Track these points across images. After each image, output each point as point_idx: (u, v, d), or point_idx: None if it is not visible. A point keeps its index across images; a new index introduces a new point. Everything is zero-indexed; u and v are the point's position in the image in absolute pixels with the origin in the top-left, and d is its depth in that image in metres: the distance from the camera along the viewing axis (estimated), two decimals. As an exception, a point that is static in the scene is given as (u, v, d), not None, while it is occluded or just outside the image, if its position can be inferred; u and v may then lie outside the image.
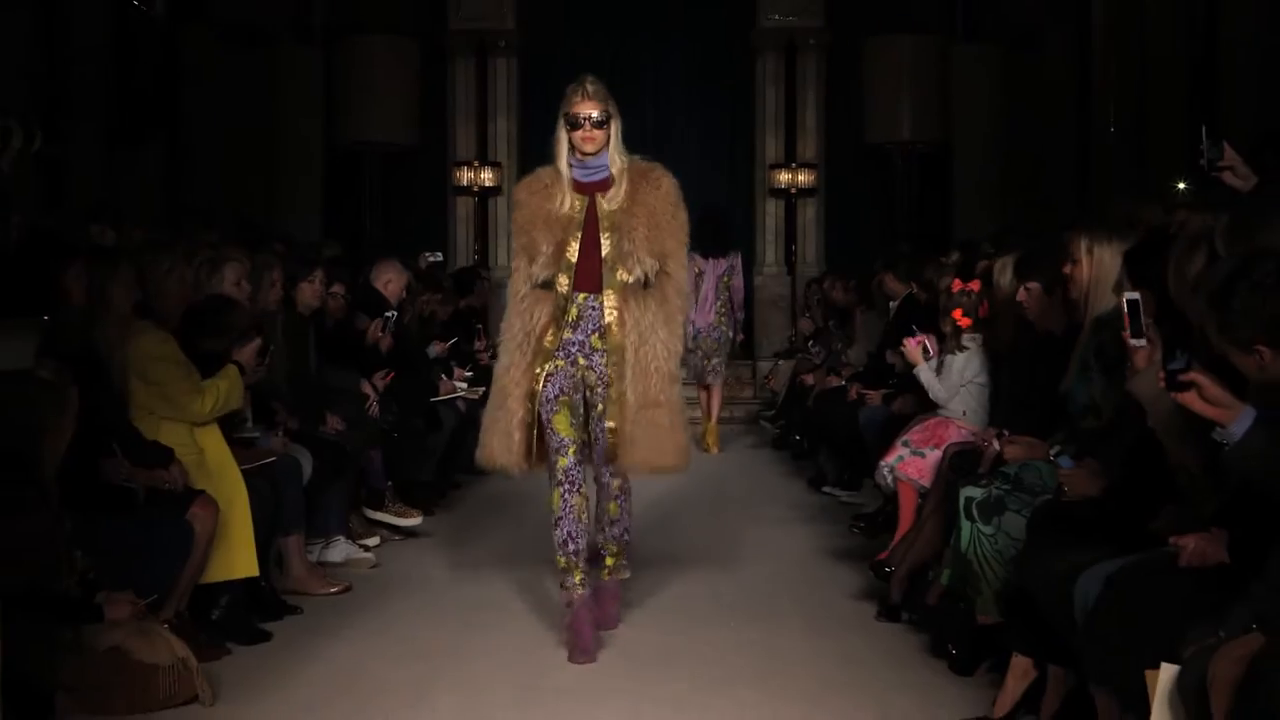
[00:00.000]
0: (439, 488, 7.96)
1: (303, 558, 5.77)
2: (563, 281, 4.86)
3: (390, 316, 7.36)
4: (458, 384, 8.18)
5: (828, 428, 8.38)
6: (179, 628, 4.52)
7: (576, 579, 4.87)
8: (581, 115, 4.82)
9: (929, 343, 5.98)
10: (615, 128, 4.87)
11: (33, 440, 4.06)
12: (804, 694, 4.41)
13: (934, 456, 5.52)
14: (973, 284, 5.80)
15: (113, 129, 10.13)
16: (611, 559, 5.18)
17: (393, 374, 7.11)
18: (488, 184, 13.98)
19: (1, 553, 3.40)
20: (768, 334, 13.78)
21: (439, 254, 11.91)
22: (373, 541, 6.60)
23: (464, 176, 14.03)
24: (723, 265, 10.63)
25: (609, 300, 4.84)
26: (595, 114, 4.82)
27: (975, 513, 4.38)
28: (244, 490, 5.07)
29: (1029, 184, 12.44)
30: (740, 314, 11.01)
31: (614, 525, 5.11)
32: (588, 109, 4.82)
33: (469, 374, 8.35)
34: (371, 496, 6.90)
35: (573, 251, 4.84)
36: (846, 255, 12.90)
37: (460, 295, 9.72)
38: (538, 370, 4.87)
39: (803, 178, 14.05)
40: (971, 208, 13.32)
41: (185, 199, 11.14)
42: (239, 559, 5.00)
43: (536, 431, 4.90)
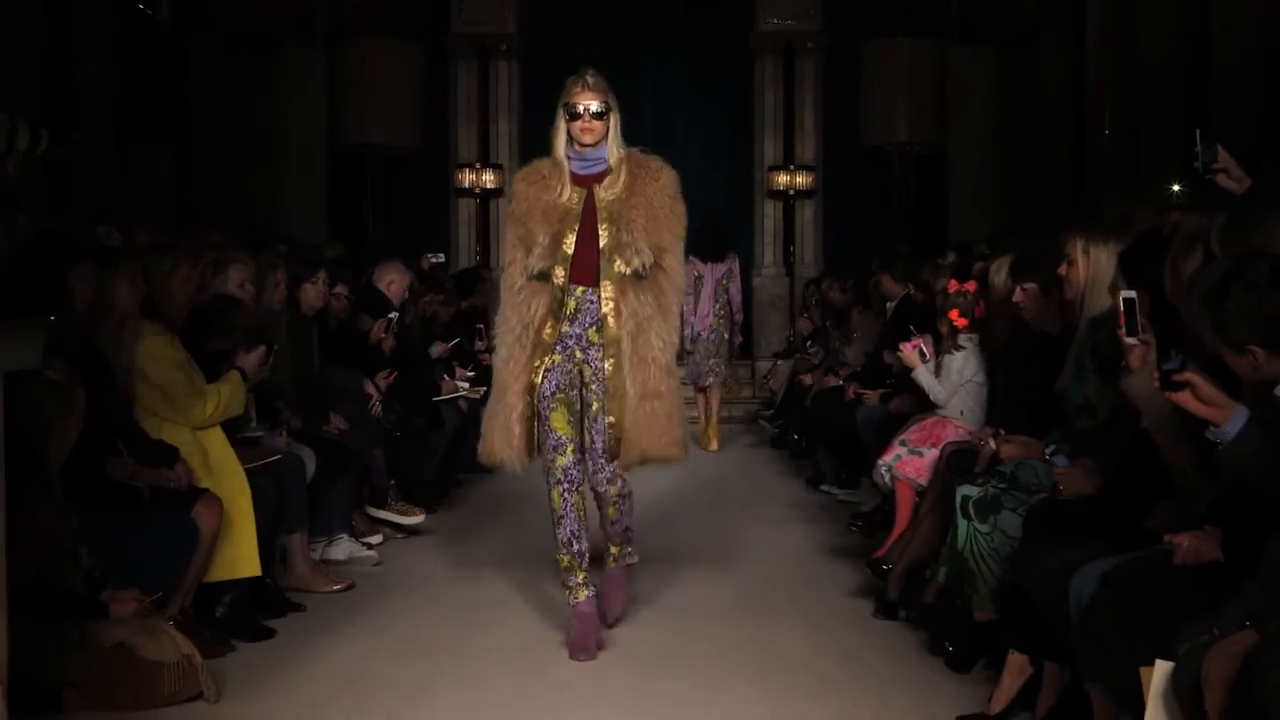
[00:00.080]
0: (441, 486, 7.95)
1: (306, 555, 5.77)
2: (559, 273, 4.76)
3: (393, 318, 7.35)
4: (459, 384, 8.18)
5: (826, 427, 8.37)
6: (184, 625, 4.52)
7: (579, 578, 4.85)
8: (581, 106, 4.74)
9: (925, 346, 5.98)
10: (614, 120, 4.79)
11: (39, 439, 4.08)
12: (803, 691, 4.41)
13: (931, 456, 5.52)
14: (969, 285, 5.80)
15: (119, 132, 10.14)
16: (616, 548, 5.08)
17: (395, 374, 7.11)
18: (489, 186, 13.98)
19: (8, 548, 3.39)
20: (766, 334, 13.79)
21: (441, 255, 11.92)
22: (375, 539, 6.60)
23: (466, 178, 14.04)
24: (721, 269, 10.66)
25: (606, 291, 4.76)
26: (595, 105, 4.74)
27: (972, 511, 4.37)
28: (247, 490, 5.06)
29: (1024, 186, 12.45)
30: (739, 317, 11.02)
31: (615, 525, 5.01)
32: (587, 100, 4.74)
33: (470, 374, 8.35)
34: (374, 495, 6.90)
35: (569, 243, 4.76)
36: (844, 256, 12.91)
37: (462, 296, 9.71)
38: (536, 363, 4.81)
39: (801, 179, 14.06)
40: (968, 209, 13.34)
41: (191, 200, 11.16)
42: (242, 558, 5.00)
43: (536, 425, 4.84)
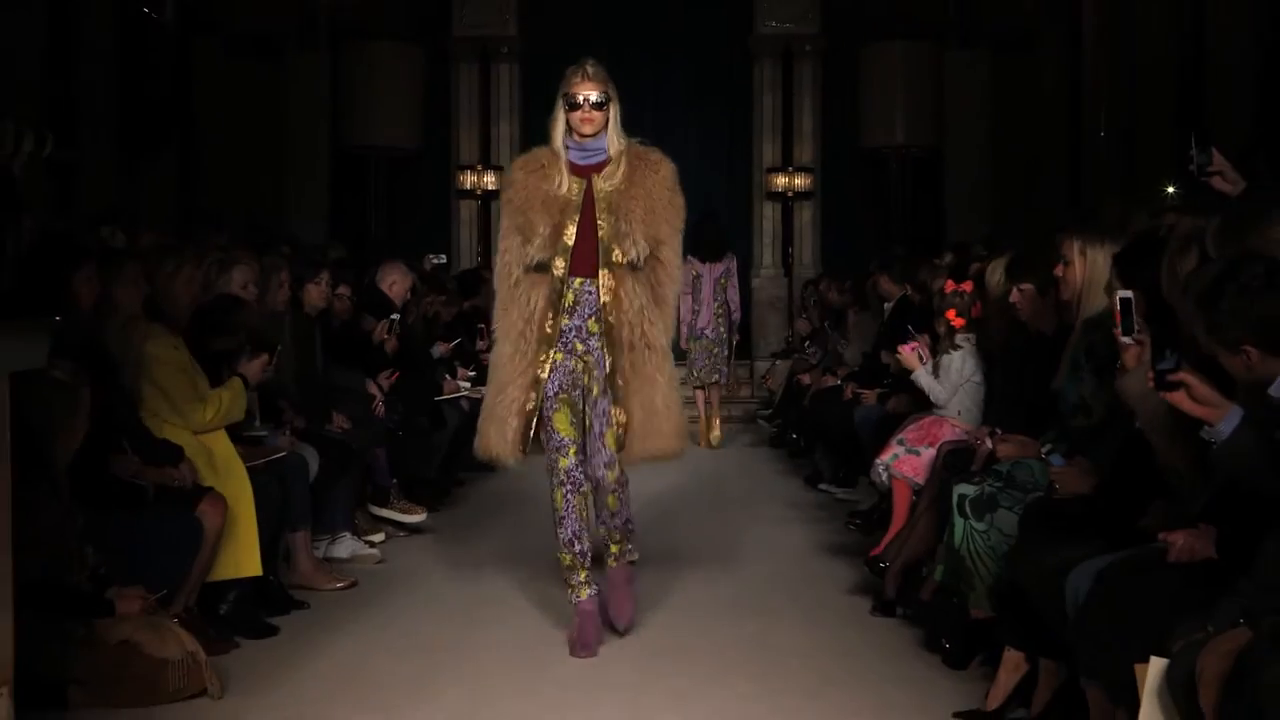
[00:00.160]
0: (443, 485, 7.95)
1: (309, 553, 5.77)
2: (559, 265, 4.71)
3: (395, 319, 7.36)
4: (461, 383, 8.17)
5: (824, 426, 8.37)
6: (188, 622, 4.52)
7: (581, 576, 4.84)
8: (580, 96, 4.69)
9: (922, 349, 5.97)
10: (614, 111, 4.74)
11: (45, 438, 4.08)
12: (801, 687, 4.41)
13: (928, 455, 5.52)
14: (965, 285, 5.80)
15: (124, 134, 10.13)
16: (616, 545, 4.97)
17: (397, 374, 7.12)
18: (490, 187, 13.96)
19: (14, 547, 3.39)
20: (765, 334, 13.79)
21: (443, 256, 11.94)
22: (378, 538, 6.60)
23: (467, 180, 14.03)
24: (719, 269, 10.72)
25: (604, 281, 4.71)
26: (594, 95, 4.69)
27: (968, 509, 4.37)
28: (250, 490, 5.06)
29: (1021, 187, 12.45)
30: (737, 316, 11.05)
31: (615, 517, 4.90)
32: (587, 90, 4.69)
33: (472, 374, 8.35)
34: (377, 493, 6.90)
35: (570, 235, 4.70)
36: (842, 257, 12.91)
37: (464, 297, 9.70)
38: (541, 358, 4.75)
39: (799, 181, 14.05)
40: (964, 211, 13.33)
41: (196, 202, 11.16)
42: (245, 559, 5.00)
43: (537, 420, 4.77)
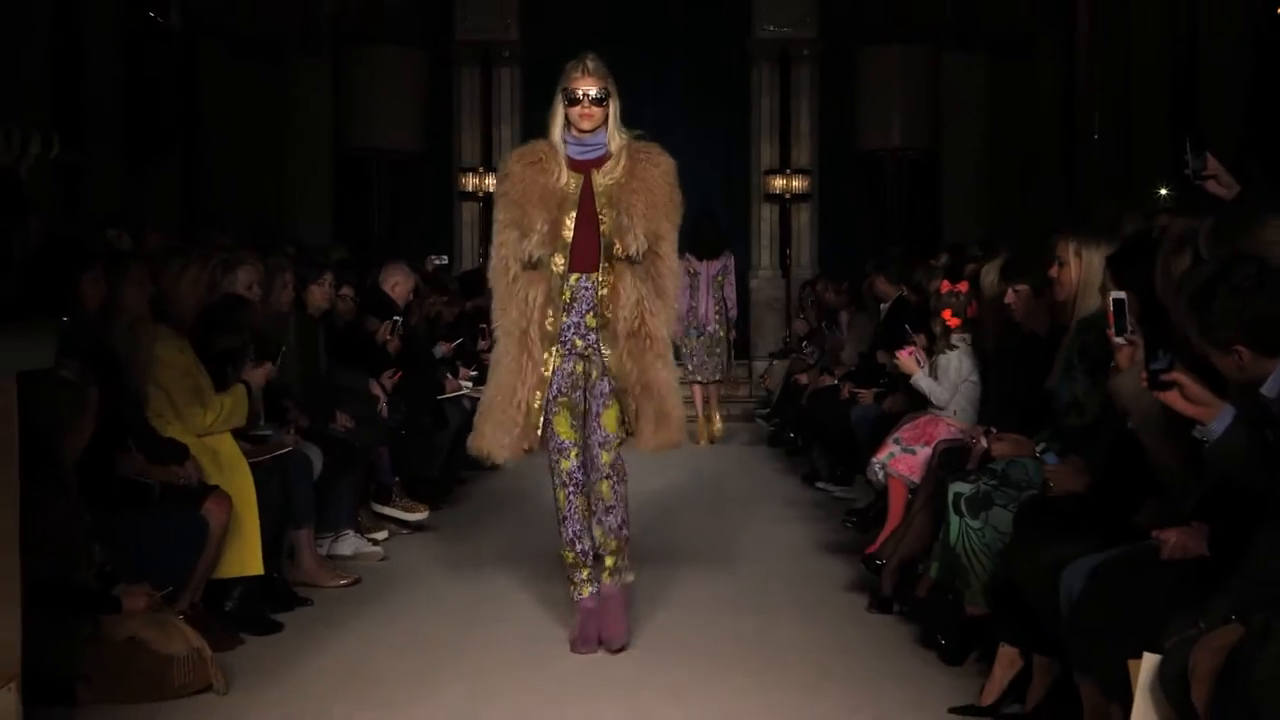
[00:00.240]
0: (445, 483, 7.95)
1: (313, 551, 5.77)
2: (558, 261, 4.63)
3: (398, 320, 7.37)
4: (463, 383, 8.18)
5: (821, 425, 8.38)
6: (194, 619, 4.52)
7: (583, 575, 4.82)
8: (580, 91, 4.62)
9: (918, 354, 5.96)
10: (614, 107, 4.67)
11: (53, 438, 4.08)
12: (800, 683, 4.41)
13: (924, 453, 5.52)
14: (961, 285, 5.80)
15: (130, 137, 10.13)
16: (611, 557, 4.78)
17: (400, 373, 7.12)
18: (492, 189, 13.91)
19: (24, 544, 3.40)
20: (763, 335, 13.79)
21: (444, 257, 11.95)
22: (381, 535, 6.60)
23: (469, 182, 14.03)
24: (716, 266, 10.76)
25: (604, 276, 4.64)
26: (594, 91, 4.62)
27: (964, 507, 4.38)
28: (253, 489, 5.06)
29: (1017, 189, 12.44)
30: (733, 313, 11.07)
31: (610, 513, 4.73)
32: (586, 85, 4.62)
33: (474, 374, 8.35)
34: (380, 492, 6.91)
35: (569, 230, 4.62)
36: (839, 259, 12.90)
37: (466, 297, 9.71)
38: (545, 356, 4.67)
39: (797, 183, 14.06)
40: (960, 213, 13.33)
41: (200, 204, 11.15)
42: (248, 557, 5.00)
43: (543, 420, 4.72)
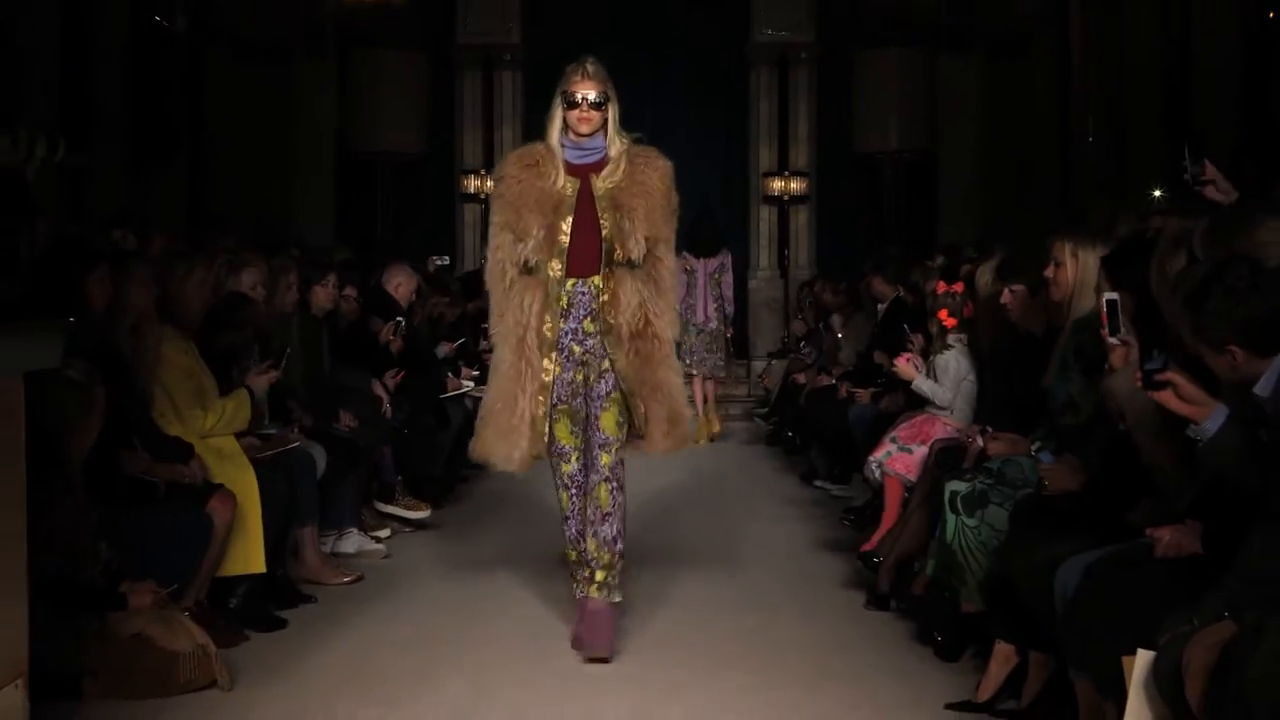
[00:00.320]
0: (447, 482, 7.94)
1: (317, 549, 5.77)
2: (555, 267, 4.55)
3: (400, 320, 7.38)
4: (464, 382, 8.18)
5: (819, 424, 8.38)
6: (199, 616, 4.52)
7: (586, 573, 4.76)
8: (579, 95, 4.54)
9: (915, 360, 5.95)
10: (613, 111, 4.59)
11: (60, 437, 4.08)
12: (799, 680, 4.41)
13: (920, 452, 5.52)
14: (956, 286, 5.80)
15: (137, 140, 10.13)
16: (602, 572, 4.61)
17: (403, 373, 7.12)
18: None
19: (31, 542, 3.40)
20: (761, 335, 13.79)
21: (446, 258, 11.94)
22: (384, 533, 6.61)
23: (471, 184, 14.00)
24: (713, 264, 10.81)
25: (605, 281, 4.57)
26: (593, 95, 4.53)
27: (960, 506, 4.37)
28: (256, 488, 5.05)
29: (1012, 191, 12.43)
30: (730, 309, 11.09)
31: (606, 522, 4.60)
32: (586, 89, 4.54)
33: (475, 374, 8.35)
34: (383, 490, 6.91)
35: (565, 235, 4.54)
36: (837, 259, 12.89)
37: (468, 298, 9.70)
38: (545, 363, 4.61)
39: (795, 185, 14.05)
40: (957, 214, 13.32)
41: (205, 206, 11.15)
42: (252, 556, 5.00)
43: (549, 426, 4.66)
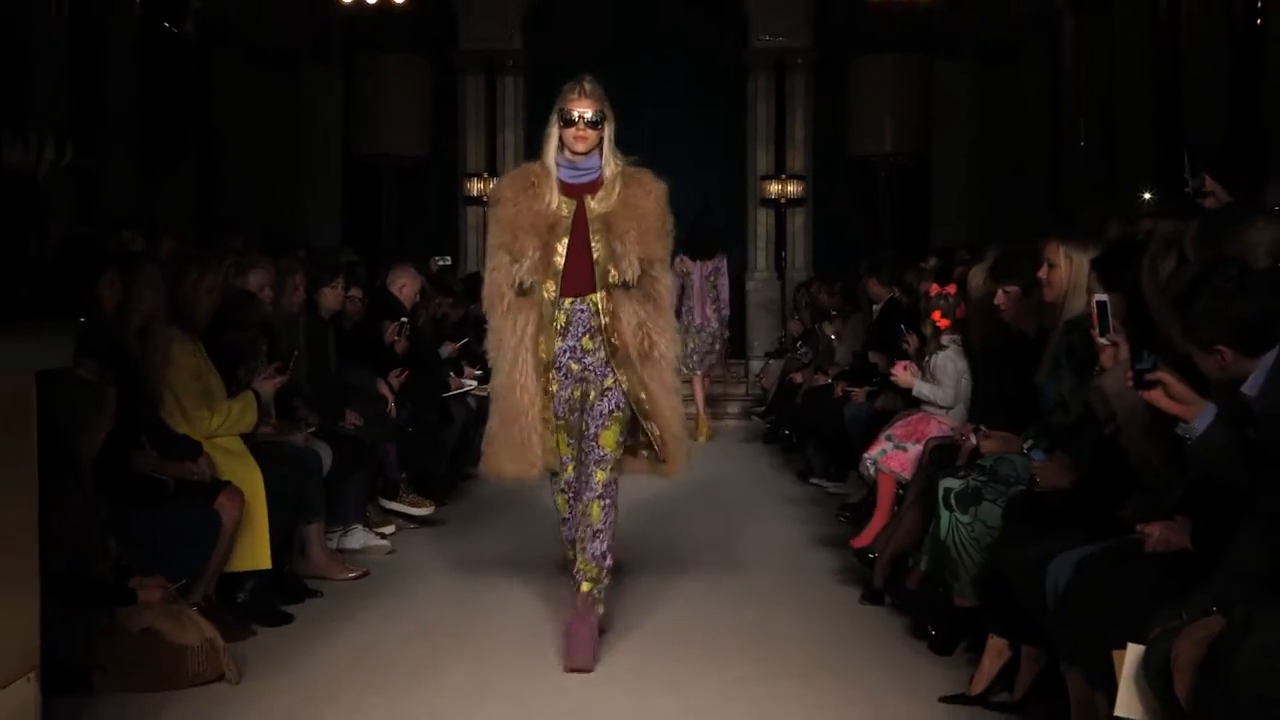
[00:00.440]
0: (450, 480, 7.94)
1: (323, 545, 5.77)
2: (549, 287, 4.49)
3: (404, 321, 7.38)
4: (466, 381, 8.18)
5: (815, 423, 8.38)
6: (207, 610, 4.53)
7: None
8: (576, 113, 4.45)
9: (912, 367, 5.94)
10: (609, 130, 4.51)
11: (70, 436, 4.08)
12: (796, 672, 4.42)
13: (915, 450, 5.52)
14: (949, 288, 5.80)
15: (147, 143, 10.12)
16: (588, 584, 4.51)
17: (407, 373, 7.12)
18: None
19: (43, 539, 3.40)
20: (759, 335, 13.79)
21: (448, 258, 11.92)
22: (388, 530, 6.60)
23: (474, 187, 14.02)
24: (709, 267, 10.81)
25: (603, 302, 4.50)
26: (590, 113, 4.46)
27: (954, 502, 4.38)
28: (262, 485, 5.06)
29: (1004, 194, 12.43)
30: (726, 312, 11.10)
31: (596, 539, 4.50)
32: (583, 107, 4.46)
33: (478, 373, 8.35)
34: (387, 487, 6.91)
35: (560, 256, 4.46)
36: (833, 261, 12.87)
37: (471, 299, 9.68)
38: (543, 382, 4.54)
39: (792, 188, 14.06)
40: (950, 217, 13.32)
41: (214, 208, 11.15)
42: (259, 551, 5.00)
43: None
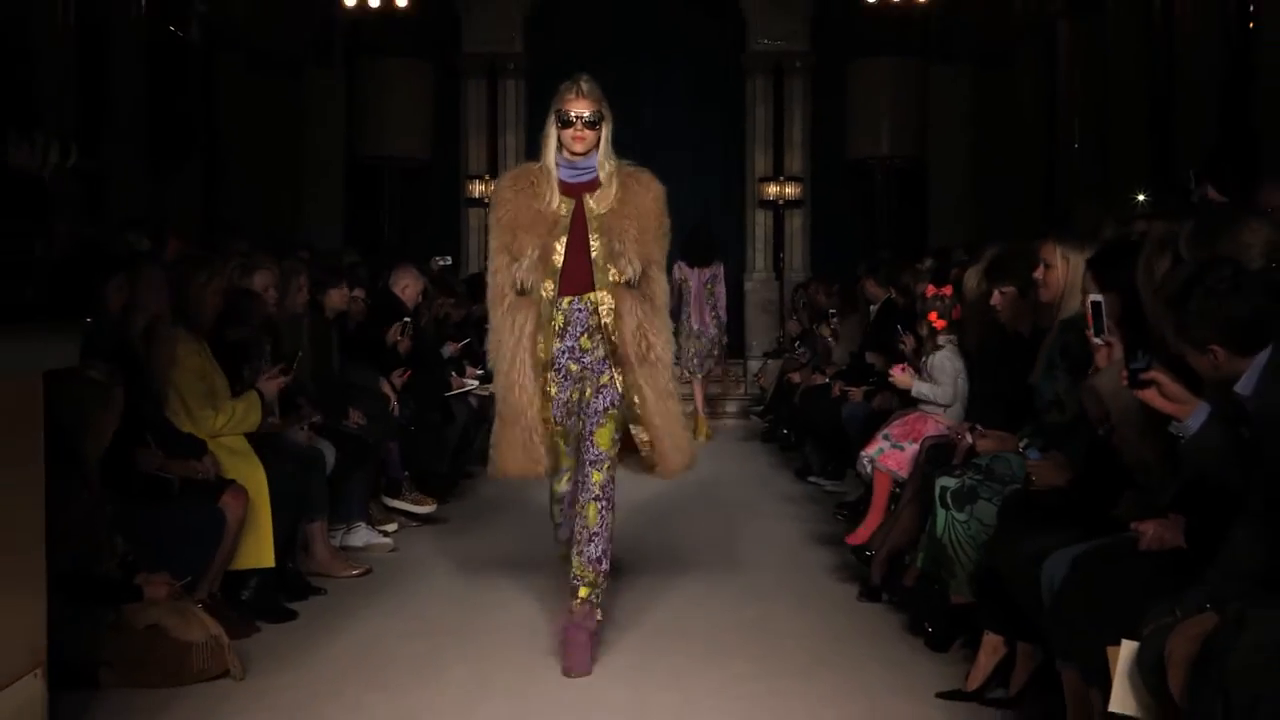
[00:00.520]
0: (452, 478, 7.94)
1: (326, 542, 5.78)
2: (548, 287, 4.43)
3: (407, 321, 7.38)
4: (468, 380, 8.18)
5: (813, 422, 8.38)
6: (212, 607, 4.53)
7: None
8: (574, 113, 4.40)
9: (910, 369, 5.94)
10: (606, 130, 4.46)
11: (77, 434, 4.08)
12: (795, 668, 4.42)
13: (912, 449, 5.52)
14: (945, 289, 5.81)
15: (153, 146, 10.13)
16: (585, 589, 4.47)
17: (409, 372, 7.13)
18: (498, 194, 13.91)
19: (49, 537, 3.40)
20: (757, 335, 13.80)
21: (449, 258, 11.91)
22: (391, 527, 6.61)
23: (475, 189, 14.02)
24: (707, 274, 10.84)
25: (604, 302, 4.45)
26: (587, 113, 4.40)
27: (950, 501, 4.38)
28: (266, 484, 5.06)
29: (1000, 196, 12.43)
30: (724, 317, 11.11)
31: (592, 542, 4.46)
32: (580, 107, 4.40)
33: (480, 373, 8.35)
34: (390, 485, 6.91)
35: (558, 256, 4.42)
36: (831, 262, 12.89)
37: (473, 300, 9.69)
38: (542, 382, 4.49)
39: (790, 190, 14.07)
40: (946, 219, 13.33)
41: (219, 210, 11.15)
42: (262, 549, 5.01)
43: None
